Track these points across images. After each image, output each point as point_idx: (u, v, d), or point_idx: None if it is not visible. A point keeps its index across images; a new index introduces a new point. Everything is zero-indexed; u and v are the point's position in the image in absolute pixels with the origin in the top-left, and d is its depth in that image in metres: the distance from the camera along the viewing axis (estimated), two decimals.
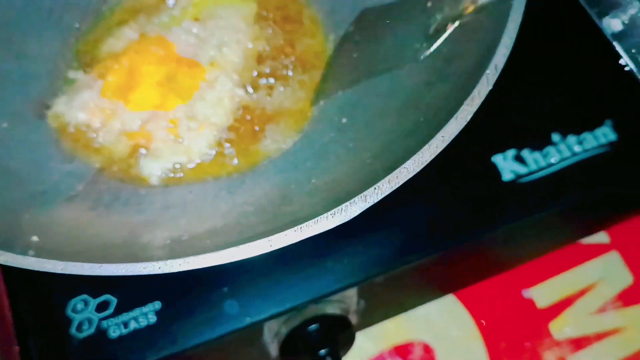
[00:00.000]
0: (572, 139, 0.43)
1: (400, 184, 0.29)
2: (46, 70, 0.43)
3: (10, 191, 0.35)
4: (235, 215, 0.36)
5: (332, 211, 0.28)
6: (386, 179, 0.29)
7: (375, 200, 0.29)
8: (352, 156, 0.37)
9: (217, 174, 0.40)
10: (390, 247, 0.40)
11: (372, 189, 0.29)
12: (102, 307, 0.39)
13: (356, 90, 0.41)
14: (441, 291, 0.49)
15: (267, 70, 0.44)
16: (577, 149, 0.42)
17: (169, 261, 0.28)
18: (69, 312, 0.38)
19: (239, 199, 0.38)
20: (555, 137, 0.42)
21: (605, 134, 0.42)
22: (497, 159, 0.44)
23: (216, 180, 0.40)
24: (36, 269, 0.27)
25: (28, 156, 0.38)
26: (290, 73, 0.44)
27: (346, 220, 0.28)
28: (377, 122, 0.38)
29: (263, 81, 0.43)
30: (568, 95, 0.42)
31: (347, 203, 0.28)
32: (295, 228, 0.28)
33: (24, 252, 0.28)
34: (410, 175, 0.29)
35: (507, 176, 0.44)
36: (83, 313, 0.39)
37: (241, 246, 0.28)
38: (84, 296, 0.39)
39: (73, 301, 0.39)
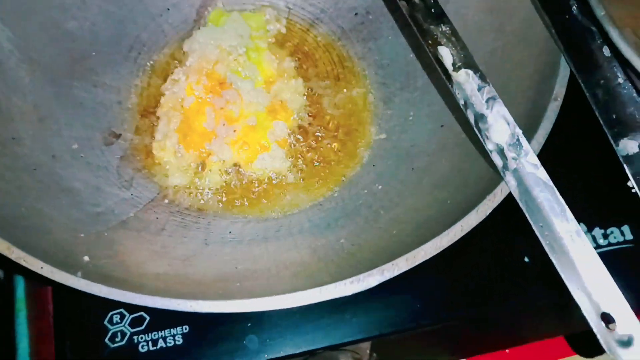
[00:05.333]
0: (598, 231, 0.45)
1: (416, 264, 0.32)
2: (117, 101, 0.47)
3: (71, 210, 0.39)
4: (266, 262, 0.39)
5: (351, 279, 0.31)
6: (404, 257, 0.32)
7: (392, 275, 0.31)
8: (381, 223, 0.40)
9: (259, 214, 0.44)
10: (406, 311, 0.43)
11: (390, 264, 0.31)
12: (135, 322, 0.43)
13: (395, 161, 0.44)
14: (451, 355, 0.51)
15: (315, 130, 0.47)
16: (601, 241, 0.45)
17: (200, 302, 0.31)
18: (105, 322, 0.42)
19: (272, 246, 0.41)
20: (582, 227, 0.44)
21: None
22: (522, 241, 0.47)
23: (255, 222, 0.43)
24: (84, 290, 0.31)
25: (91, 179, 0.42)
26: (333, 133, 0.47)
27: (363, 289, 0.31)
28: (408, 195, 0.41)
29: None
30: (592, 194, 0.44)
31: (366, 274, 0.31)
32: (317, 290, 0.31)
33: (74, 272, 0.32)
34: (427, 258, 0.32)
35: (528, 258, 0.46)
36: (118, 326, 0.43)
37: (266, 298, 0.31)
38: (121, 310, 0.43)
39: (111, 313, 0.43)
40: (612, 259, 0.40)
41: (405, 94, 0.47)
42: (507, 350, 0.51)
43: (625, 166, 0.33)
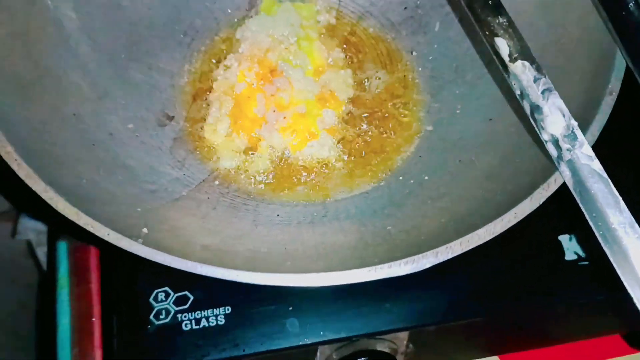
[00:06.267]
0: None
1: (470, 248, 0.32)
2: (171, 84, 0.48)
3: (127, 185, 0.40)
4: (314, 244, 0.39)
5: (405, 260, 0.31)
6: (458, 240, 0.32)
7: (445, 258, 0.32)
8: (428, 212, 0.40)
9: (306, 199, 0.44)
10: (446, 303, 0.44)
11: (444, 247, 0.32)
12: (180, 301, 0.44)
13: (442, 153, 0.45)
14: (487, 351, 0.51)
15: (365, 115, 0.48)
16: None
17: (247, 272, 0.31)
18: (151, 300, 0.43)
19: (319, 230, 0.41)
20: None
21: None
22: (564, 239, 0.47)
23: (302, 207, 0.44)
24: (148, 257, 0.32)
25: (145, 158, 0.43)
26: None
27: (416, 270, 0.31)
28: (456, 186, 0.42)
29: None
30: None
31: (420, 255, 0.32)
32: (371, 268, 0.31)
33: (135, 239, 0.33)
34: (481, 242, 0.32)
35: (569, 256, 0.47)
36: (163, 304, 0.44)
37: (319, 274, 0.31)
38: (166, 289, 0.44)
39: (157, 291, 0.44)
40: None
41: (453, 87, 0.48)
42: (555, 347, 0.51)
43: None
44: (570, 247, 0.48)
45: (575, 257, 0.48)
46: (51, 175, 0.34)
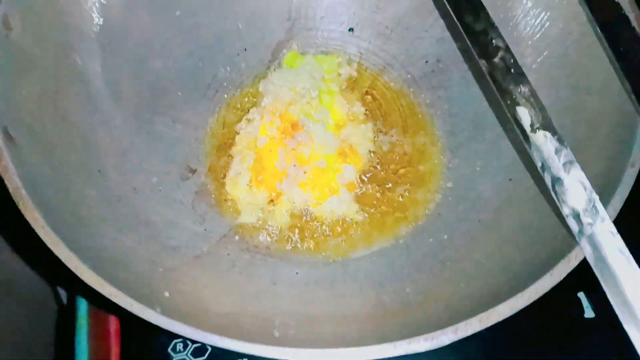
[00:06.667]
0: None
1: (489, 325, 0.32)
2: (194, 137, 0.49)
3: (149, 243, 0.40)
4: (333, 307, 0.40)
5: (425, 336, 0.32)
6: (477, 317, 0.32)
7: (464, 335, 0.32)
8: (447, 275, 0.40)
9: (325, 256, 0.45)
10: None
11: (463, 323, 0.32)
12: (198, 352, 0.44)
13: (462, 211, 0.45)
14: None
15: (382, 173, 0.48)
16: None
17: (262, 346, 0.32)
18: (169, 350, 0.44)
19: (338, 290, 0.42)
20: None
21: None
22: (583, 296, 0.47)
23: (322, 264, 0.44)
24: (165, 327, 0.32)
25: (167, 212, 0.44)
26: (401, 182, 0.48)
27: (435, 347, 0.31)
28: (475, 248, 0.42)
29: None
30: None
31: (440, 332, 0.32)
32: (389, 345, 0.31)
33: (154, 307, 0.33)
34: (501, 319, 0.32)
35: (589, 314, 0.46)
36: (180, 354, 0.44)
37: (338, 349, 0.31)
38: (184, 339, 0.44)
39: (175, 342, 0.44)
40: None
41: (473, 144, 0.48)
42: None
43: None
44: (590, 305, 0.48)
45: (594, 315, 0.48)
46: (76, 239, 0.35)
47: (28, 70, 0.40)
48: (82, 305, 0.51)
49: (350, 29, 0.53)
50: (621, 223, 0.34)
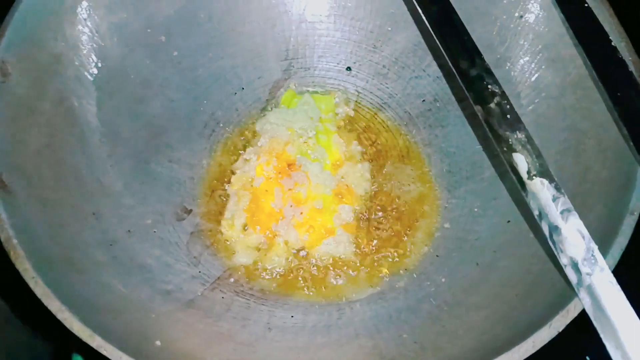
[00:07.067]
0: None
1: None
2: (190, 176, 0.49)
3: (143, 287, 0.40)
4: (331, 353, 0.39)
5: None
6: None
7: None
8: (444, 321, 0.40)
9: (321, 298, 0.44)
10: None
11: None
12: None
13: (459, 253, 0.44)
14: None
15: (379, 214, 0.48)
16: None
17: None
18: None
19: (334, 335, 0.41)
20: None
21: None
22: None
23: (318, 307, 0.44)
24: None
25: (162, 255, 0.43)
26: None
27: None
28: (473, 292, 0.41)
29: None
30: None
31: None
32: None
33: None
34: None
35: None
36: None
37: None
38: None
39: None
40: None
41: (471, 184, 0.48)
42: None
43: None
44: None
45: None
46: (68, 287, 0.34)
47: (24, 116, 0.40)
48: None
49: (348, 68, 0.53)
50: (621, 273, 0.34)
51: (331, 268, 0.46)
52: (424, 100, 0.52)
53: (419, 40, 0.51)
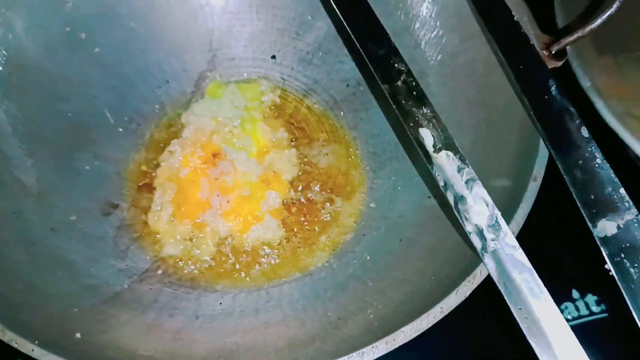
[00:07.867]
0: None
1: (396, 346, 0.32)
2: (116, 171, 0.48)
3: (66, 283, 0.40)
4: (254, 336, 0.39)
5: None
6: (384, 339, 0.32)
7: (371, 359, 0.32)
8: (367, 296, 0.41)
9: (250, 284, 0.45)
10: None
11: (370, 347, 0.32)
12: None
13: (384, 231, 0.45)
14: None
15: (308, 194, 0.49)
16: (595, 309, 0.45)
17: None
18: None
19: (262, 317, 0.42)
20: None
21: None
22: None
23: (246, 293, 0.44)
24: None
25: (87, 250, 0.43)
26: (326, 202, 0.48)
27: None
28: (395, 267, 0.42)
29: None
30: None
31: (346, 357, 0.32)
32: None
33: (66, 352, 0.33)
34: (407, 340, 0.33)
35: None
36: None
37: None
38: None
39: None
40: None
41: (394, 163, 0.49)
42: None
43: (602, 248, 0.34)
44: None
45: None
46: None
47: None
48: None
49: (273, 56, 0.54)
50: (524, 238, 0.35)
51: (260, 253, 0.46)
52: (348, 85, 0.53)
53: (340, 25, 0.52)
